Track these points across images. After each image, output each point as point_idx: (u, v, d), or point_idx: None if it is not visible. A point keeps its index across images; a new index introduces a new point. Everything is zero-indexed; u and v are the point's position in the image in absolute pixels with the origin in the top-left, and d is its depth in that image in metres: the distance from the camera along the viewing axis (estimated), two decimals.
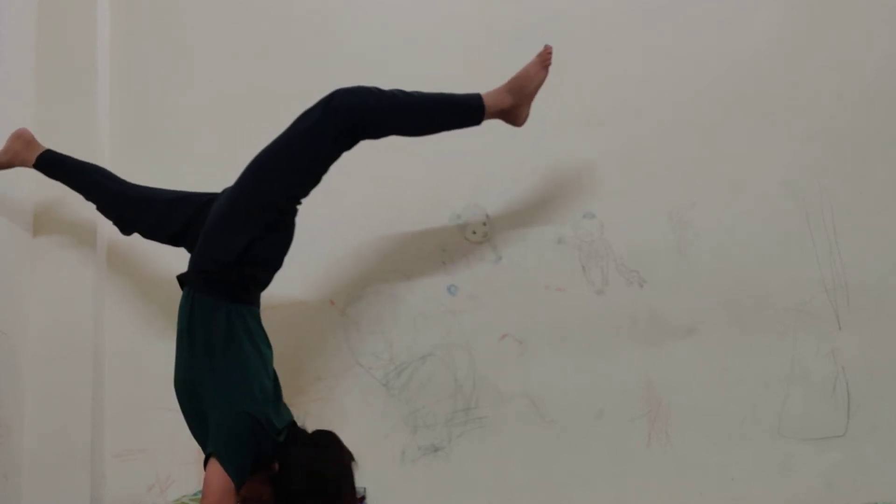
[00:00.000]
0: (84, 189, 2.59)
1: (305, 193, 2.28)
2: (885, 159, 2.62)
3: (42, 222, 2.76)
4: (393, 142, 2.62)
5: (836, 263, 2.57)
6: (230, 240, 2.19)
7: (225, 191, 2.34)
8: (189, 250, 2.37)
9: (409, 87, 2.33)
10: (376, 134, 2.32)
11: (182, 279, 2.26)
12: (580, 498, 2.52)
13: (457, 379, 2.64)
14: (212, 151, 2.79)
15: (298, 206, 2.30)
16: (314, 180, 2.28)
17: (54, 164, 2.60)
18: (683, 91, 2.74)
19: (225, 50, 2.96)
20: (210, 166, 2.48)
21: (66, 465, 2.56)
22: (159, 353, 2.28)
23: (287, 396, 2.32)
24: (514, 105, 2.40)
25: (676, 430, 2.53)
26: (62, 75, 2.82)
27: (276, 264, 2.31)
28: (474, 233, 2.74)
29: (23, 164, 2.60)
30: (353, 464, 2.20)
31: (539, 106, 2.72)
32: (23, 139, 2.60)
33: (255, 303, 2.29)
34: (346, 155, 2.44)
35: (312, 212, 2.67)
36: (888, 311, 2.52)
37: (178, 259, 2.41)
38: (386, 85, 2.30)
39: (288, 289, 2.70)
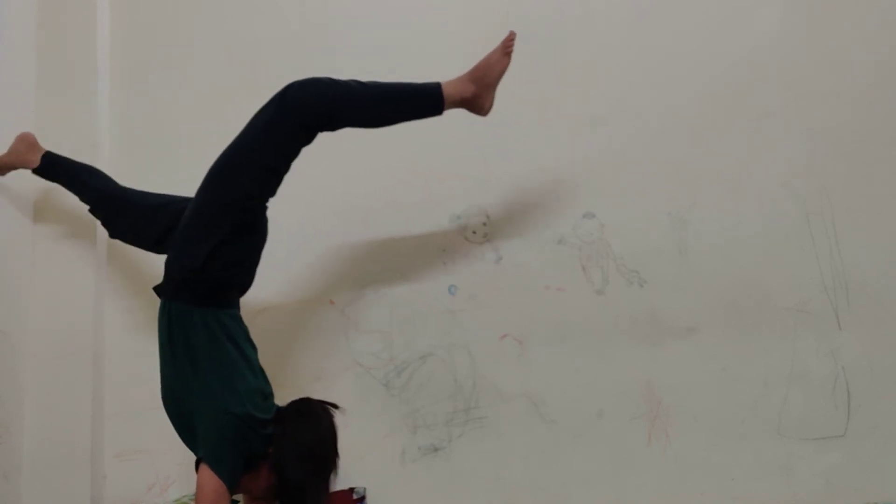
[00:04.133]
0: (78, 189, 2.62)
1: (271, 192, 2.25)
2: (885, 159, 2.62)
3: (42, 222, 2.76)
4: (393, 141, 2.62)
5: (836, 263, 2.57)
6: (196, 246, 2.17)
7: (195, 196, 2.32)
8: None
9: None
10: (334, 127, 2.27)
11: (158, 290, 2.27)
12: (580, 498, 2.52)
13: (457, 379, 2.64)
14: (212, 151, 2.77)
15: (266, 206, 2.27)
16: (276, 178, 2.24)
17: (54, 167, 2.63)
18: (683, 90, 2.73)
19: (225, 50, 2.97)
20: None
21: (66, 465, 2.56)
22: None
23: (286, 396, 2.31)
24: (476, 94, 2.33)
25: (676, 429, 2.53)
26: (62, 75, 2.82)
27: (251, 265, 2.29)
28: (474, 233, 2.74)
29: (25, 165, 2.64)
30: (334, 414, 2.21)
31: (539, 105, 2.74)
32: (27, 142, 2.64)
33: (233, 305, 2.27)
34: (345, 154, 2.44)
35: (312, 211, 2.67)
36: (888, 311, 2.52)
37: None
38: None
39: (287, 289, 2.70)
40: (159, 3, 3.03)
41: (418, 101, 2.31)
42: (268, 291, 2.45)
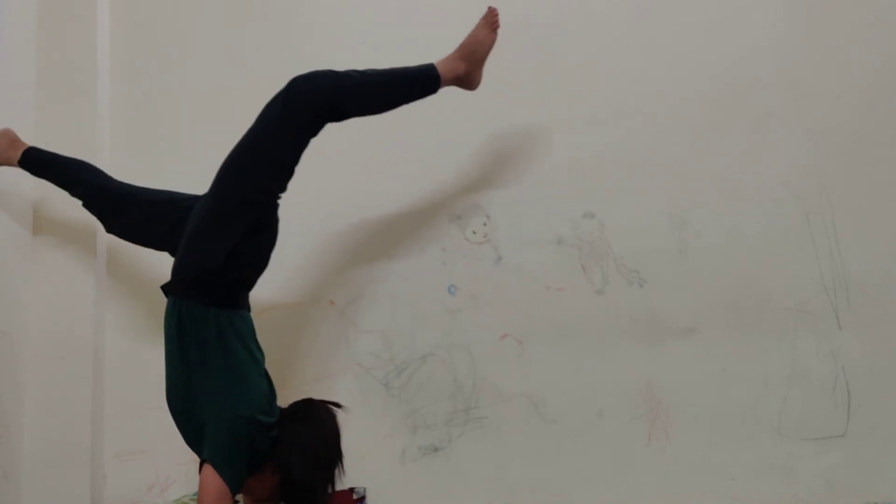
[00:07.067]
0: (69, 185, 2.57)
1: (282, 188, 2.27)
2: (885, 159, 2.62)
3: (42, 222, 2.76)
4: (393, 141, 2.63)
5: (836, 263, 2.57)
6: (213, 246, 2.17)
7: (206, 194, 2.31)
8: (172, 255, 2.34)
9: None
10: (340, 117, 2.32)
11: (166, 289, 2.25)
12: (580, 498, 2.52)
13: (457, 379, 2.64)
14: (212, 151, 2.77)
15: (278, 202, 2.27)
16: (287, 173, 2.26)
17: (39, 162, 2.58)
18: (683, 91, 2.73)
19: (225, 49, 2.96)
20: (210, 166, 2.47)
21: (66, 465, 2.56)
22: (159, 354, 2.28)
23: (286, 397, 2.31)
24: (467, 71, 2.43)
25: (676, 429, 2.53)
26: (62, 75, 2.82)
27: (262, 265, 2.29)
28: (474, 233, 2.74)
29: (7, 162, 2.59)
30: (337, 414, 2.22)
31: (539, 105, 2.74)
32: (7, 138, 2.60)
33: (244, 306, 2.28)
34: (345, 154, 2.45)
35: (312, 211, 2.68)
36: (888, 311, 2.52)
37: None
38: None
39: (287, 289, 2.70)
40: (159, 3, 3.03)
41: (416, 84, 2.38)
42: (268, 291, 2.45)
